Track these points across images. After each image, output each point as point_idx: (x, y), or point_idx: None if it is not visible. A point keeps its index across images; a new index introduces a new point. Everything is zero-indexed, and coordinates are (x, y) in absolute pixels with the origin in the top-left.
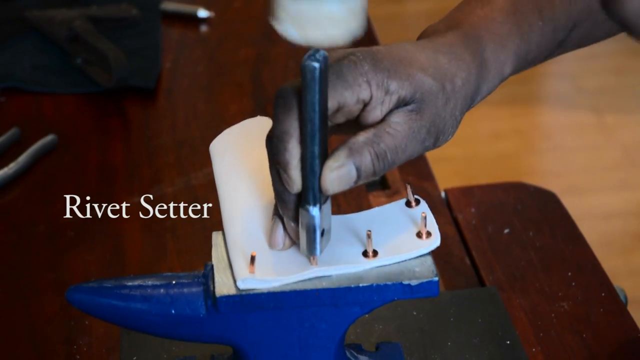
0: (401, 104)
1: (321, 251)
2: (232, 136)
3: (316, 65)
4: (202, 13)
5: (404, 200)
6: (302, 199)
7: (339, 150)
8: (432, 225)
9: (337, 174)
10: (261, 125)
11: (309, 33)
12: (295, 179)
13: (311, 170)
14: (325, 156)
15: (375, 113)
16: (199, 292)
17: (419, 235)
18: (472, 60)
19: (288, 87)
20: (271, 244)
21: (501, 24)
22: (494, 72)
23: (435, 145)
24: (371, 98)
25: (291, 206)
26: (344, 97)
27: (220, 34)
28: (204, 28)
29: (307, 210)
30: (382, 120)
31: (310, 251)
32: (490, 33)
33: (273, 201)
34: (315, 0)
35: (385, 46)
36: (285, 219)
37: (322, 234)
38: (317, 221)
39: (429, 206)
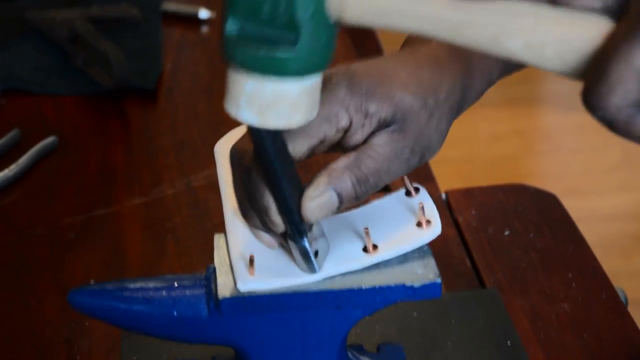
0: (382, 125)
1: (320, 267)
2: (238, 137)
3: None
4: (203, 14)
5: (403, 190)
6: (288, 235)
7: (318, 178)
8: (432, 213)
9: (317, 202)
10: None
11: (268, 118)
12: (277, 223)
13: (287, 210)
14: (299, 190)
15: (356, 137)
16: (201, 294)
17: (419, 224)
18: (458, 68)
19: (234, 150)
20: (267, 245)
21: None
22: (481, 79)
23: (421, 161)
24: (350, 124)
25: (280, 234)
26: (323, 131)
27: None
28: (204, 29)
29: (296, 243)
30: (364, 142)
31: (310, 271)
32: None
33: None
34: (274, 82)
35: (365, 64)
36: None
37: (316, 254)
38: (308, 249)
39: None
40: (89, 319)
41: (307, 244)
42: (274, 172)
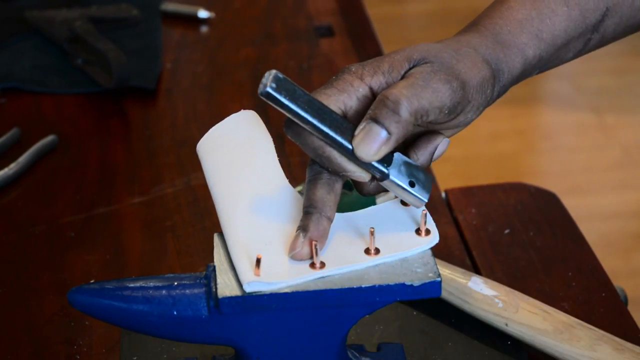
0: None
1: (425, 195)
2: (219, 134)
3: (265, 89)
4: (203, 13)
5: (400, 199)
6: (374, 176)
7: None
8: (430, 223)
9: (361, 136)
10: (247, 119)
11: None
12: (357, 172)
13: (347, 151)
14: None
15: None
16: (201, 294)
17: (417, 232)
18: (484, 39)
19: (286, 120)
20: (290, 253)
21: (517, 10)
22: (515, 52)
23: (464, 97)
24: (371, 89)
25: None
26: (342, 101)
27: (221, 35)
28: (204, 28)
29: (383, 179)
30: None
31: (417, 203)
32: (505, 19)
33: (274, 198)
34: None
35: None
36: (309, 228)
37: (412, 184)
38: (397, 179)
39: (430, 206)
40: (89, 318)
41: (390, 176)
42: (311, 123)
